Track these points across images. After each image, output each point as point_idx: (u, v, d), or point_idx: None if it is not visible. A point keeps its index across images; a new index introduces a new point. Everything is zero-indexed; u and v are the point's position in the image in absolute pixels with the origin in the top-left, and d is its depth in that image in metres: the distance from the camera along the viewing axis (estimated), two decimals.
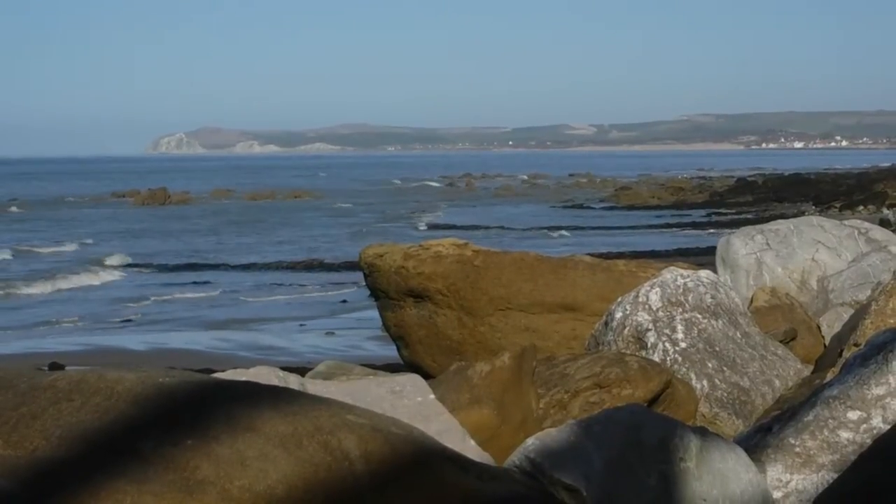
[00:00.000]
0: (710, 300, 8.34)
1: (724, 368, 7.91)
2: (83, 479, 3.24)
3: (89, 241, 43.28)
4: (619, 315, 8.26)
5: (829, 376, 6.49)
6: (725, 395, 7.77)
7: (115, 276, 31.84)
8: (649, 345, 7.98)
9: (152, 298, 26.22)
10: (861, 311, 8.06)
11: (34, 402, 3.57)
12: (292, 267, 33.13)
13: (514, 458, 4.44)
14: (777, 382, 8.04)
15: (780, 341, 8.93)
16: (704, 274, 8.66)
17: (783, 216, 17.03)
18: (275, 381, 5.00)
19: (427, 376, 7.53)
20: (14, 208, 65.12)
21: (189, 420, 3.47)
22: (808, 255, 10.73)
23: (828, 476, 5.09)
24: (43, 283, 29.33)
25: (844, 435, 5.18)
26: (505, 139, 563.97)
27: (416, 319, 10.96)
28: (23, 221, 56.91)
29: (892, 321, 7.27)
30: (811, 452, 5.16)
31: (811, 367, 8.54)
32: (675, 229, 44.84)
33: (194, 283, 29.61)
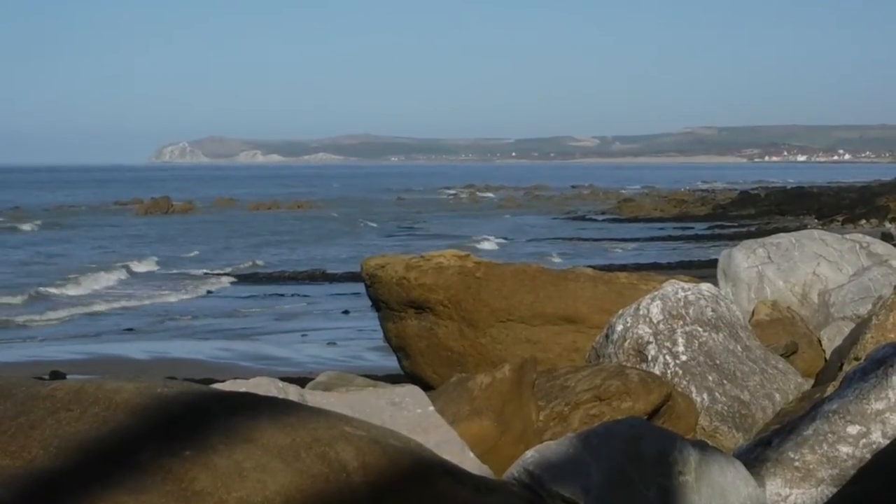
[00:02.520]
0: (710, 313, 8.33)
1: (725, 382, 7.90)
2: (81, 489, 3.24)
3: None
4: (619, 327, 8.26)
5: (830, 390, 6.49)
6: (726, 408, 7.76)
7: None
8: (650, 357, 7.97)
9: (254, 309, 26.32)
10: (862, 326, 8.06)
11: (33, 411, 3.57)
12: (294, 277, 33.16)
13: (514, 470, 4.44)
14: (777, 396, 8.03)
15: (781, 355, 8.92)
16: (705, 287, 8.66)
17: (785, 229, 17.00)
18: (274, 392, 5.00)
19: (428, 387, 7.53)
20: (51, 222, 61.97)
21: (187, 431, 3.47)
22: (810, 269, 10.72)
23: (827, 491, 5.09)
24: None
25: (844, 449, 5.18)
26: (508, 150, 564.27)
27: (417, 330, 10.96)
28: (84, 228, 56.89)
29: (892, 336, 7.27)
30: (810, 467, 5.16)
31: (812, 381, 8.53)
32: (677, 241, 44.86)
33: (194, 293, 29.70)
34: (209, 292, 29.86)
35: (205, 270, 34.97)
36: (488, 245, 43.87)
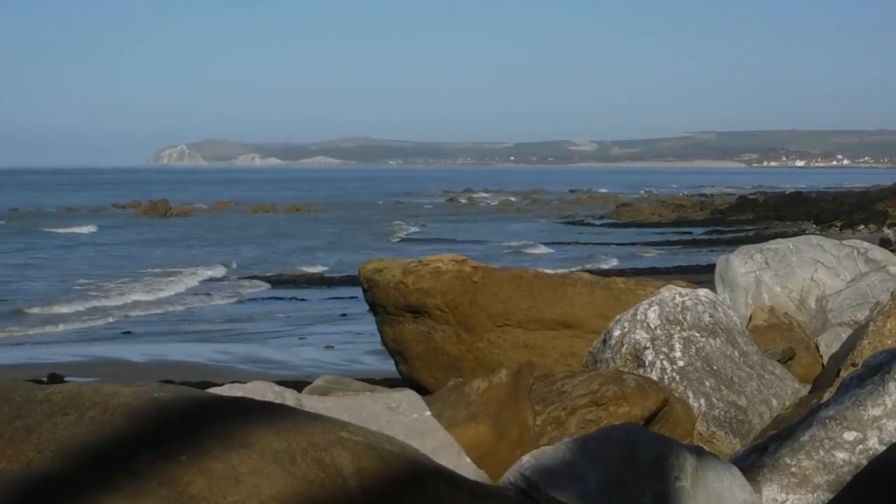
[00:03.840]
0: (708, 319, 8.33)
1: (722, 387, 7.90)
2: (77, 493, 3.24)
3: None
4: (617, 333, 8.26)
5: (827, 396, 6.49)
6: (723, 413, 7.76)
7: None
8: (647, 363, 7.97)
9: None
10: (859, 332, 8.05)
11: (29, 415, 3.57)
12: (293, 280, 33.14)
13: (510, 475, 4.44)
14: (774, 402, 8.03)
15: (778, 360, 8.92)
16: (703, 292, 8.65)
17: (784, 235, 17.02)
18: (271, 397, 5.00)
19: (425, 392, 7.53)
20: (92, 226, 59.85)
21: (183, 435, 3.47)
22: (807, 275, 10.72)
23: (823, 496, 5.09)
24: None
25: (840, 455, 5.18)
26: (506, 154, 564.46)
27: (414, 335, 10.96)
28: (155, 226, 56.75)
29: (889, 342, 7.27)
30: (807, 473, 5.16)
31: (809, 387, 8.52)
32: (675, 246, 44.87)
33: (194, 293, 29.67)
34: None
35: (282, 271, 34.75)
36: (540, 250, 43.63)
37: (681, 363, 7.95)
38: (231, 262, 38.49)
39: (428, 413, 5.19)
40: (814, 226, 50.80)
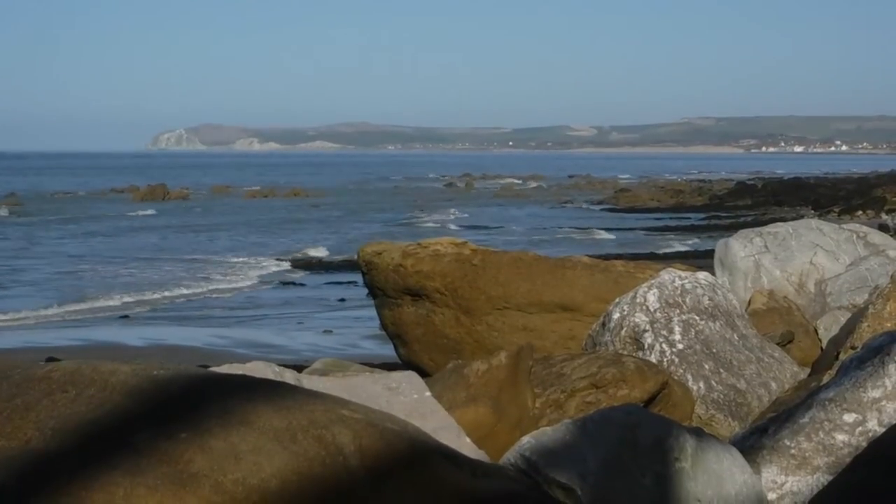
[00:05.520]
0: (707, 302, 8.33)
1: (721, 370, 7.90)
2: (77, 471, 3.23)
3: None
4: (616, 316, 8.25)
5: (826, 379, 6.49)
6: (722, 396, 7.76)
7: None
8: (646, 346, 7.97)
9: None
10: (858, 315, 8.05)
11: (28, 393, 3.57)
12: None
13: (510, 456, 4.43)
14: (773, 385, 8.03)
15: (777, 344, 8.92)
16: (702, 276, 8.65)
17: (782, 220, 16.92)
18: (270, 376, 4.99)
19: (424, 375, 7.52)
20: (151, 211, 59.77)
21: (183, 413, 3.46)
22: (807, 258, 10.71)
23: (823, 478, 5.09)
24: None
25: (840, 437, 5.18)
26: (505, 140, 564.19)
27: (413, 318, 10.95)
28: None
29: (888, 324, 7.27)
30: (806, 454, 5.16)
31: (808, 370, 8.53)
32: (674, 232, 44.84)
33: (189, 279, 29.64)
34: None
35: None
36: (605, 235, 43.63)
37: (680, 346, 7.95)
38: (300, 251, 38.29)
39: (428, 394, 5.19)
40: (812, 211, 50.74)
